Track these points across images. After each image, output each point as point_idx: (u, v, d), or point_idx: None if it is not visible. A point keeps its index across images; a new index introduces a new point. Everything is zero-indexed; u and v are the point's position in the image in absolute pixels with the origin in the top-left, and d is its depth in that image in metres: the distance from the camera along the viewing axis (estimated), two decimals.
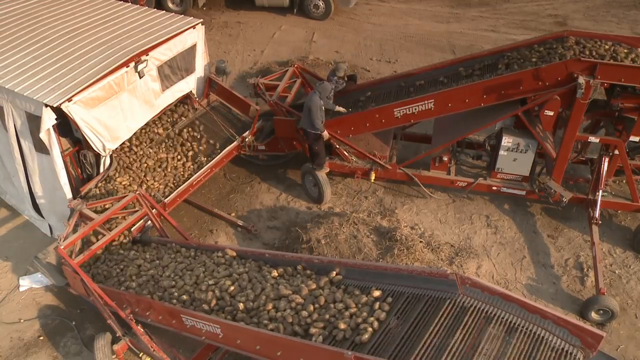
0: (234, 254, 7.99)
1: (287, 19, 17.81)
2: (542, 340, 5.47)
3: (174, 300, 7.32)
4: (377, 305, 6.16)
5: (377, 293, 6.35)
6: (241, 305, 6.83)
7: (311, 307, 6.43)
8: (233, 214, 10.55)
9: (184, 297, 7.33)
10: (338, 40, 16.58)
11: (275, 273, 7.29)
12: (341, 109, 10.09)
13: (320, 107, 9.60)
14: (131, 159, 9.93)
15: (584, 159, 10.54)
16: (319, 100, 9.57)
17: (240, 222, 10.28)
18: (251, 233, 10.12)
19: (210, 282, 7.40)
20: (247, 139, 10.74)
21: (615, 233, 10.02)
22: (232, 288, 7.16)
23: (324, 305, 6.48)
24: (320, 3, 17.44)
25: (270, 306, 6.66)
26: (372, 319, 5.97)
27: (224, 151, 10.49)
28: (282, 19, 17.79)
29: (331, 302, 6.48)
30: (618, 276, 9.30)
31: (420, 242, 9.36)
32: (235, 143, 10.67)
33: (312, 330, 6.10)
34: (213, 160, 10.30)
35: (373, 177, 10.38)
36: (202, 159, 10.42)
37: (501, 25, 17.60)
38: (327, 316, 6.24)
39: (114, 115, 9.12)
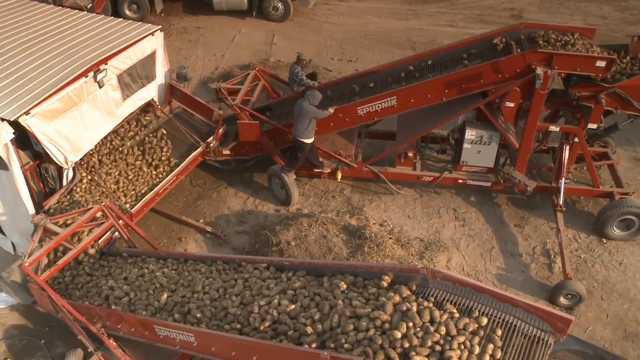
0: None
1: (247, 22, 17.74)
2: (515, 328, 5.54)
3: (227, 326, 6.48)
4: (482, 332, 5.47)
5: (484, 320, 5.53)
6: (309, 329, 5.88)
7: (404, 327, 5.46)
8: (201, 221, 10.46)
9: (237, 324, 6.44)
10: (298, 42, 16.58)
11: (343, 285, 6.30)
12: (332, 110, 9.87)
13: (314, 112, 9.51)
14: (95, 170, 9.77)
15: (545, 148, 10.74)
16: (312, 109, 9.48)
17: (208, 229, 10.20)
18: (220, 239, 10.05)
19: (262, 302, 6.45)
20: (211, 145, 10.66)
21: (579, 219, 10.23)
22: (292, 307, 6.28)
23: (420, 325, 5.51)
24: (279, 5, 17.43)
25: (350, 327, 5.62)
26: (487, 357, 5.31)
27: (188, 158, 10.40)
28: (241, 23, 17.72)
29: (427, 321, 5.54)
30: (584, 260, 9.49)
31: (390, 238, 9.41)
32: (199, 149, 10.59)
33: (416, 358, 5.18)
34: (178, 168, 10.21)
35: (340, 176, 10.41)
36: (167, 166, 10.31)
37: (459, 20, 17.82)
38: (429, 342, 5.30)
39: (75, 126, 8.95)
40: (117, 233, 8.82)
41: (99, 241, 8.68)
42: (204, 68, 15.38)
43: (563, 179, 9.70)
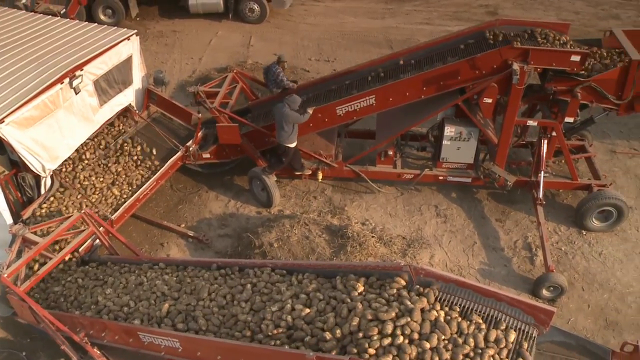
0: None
1: (223, 24, 17.66)
2: (499, 322, 5.58)
3: (237, 333, 6.26)
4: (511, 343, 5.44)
5: (513, 336, 5.49)
6: (328, 335, 5.62)
7: (435, 339, 5.30)
8: (183, 225, 10.39)
9: (248, 332, 6.24)
10: (275, 43, 16.54)
11: (360, 287, 6.08)
12: (310, 111, 9.80)
13: (294, 117, 9.48)
14: (74, 178, 9.66)
15: (524, 142, 10.84)
16: (293, 114, 9.45)
17: (190, 233, 10.14)
18: (203, 243, 10.00)
19: (274, 307, 6.25)
20: (191, 149, 10.60)
21: (559, 212, 10.33)
22: (307, 311, 6.01)
23: (448, 337, 5.39)
24: (255, 6, 17.38)
25: (375, 331, 5.42)
26: None
27: (168, 162, 10.33)
28: (218, 25, 17.64)
29: (455, 332, 5.45)
30: (564, 253, 9.59)
31: (372, 237, 9.43)
32: (179, 153, 10.53)
33: None
34: (158, 173, 10.14)
35: (320, 176, 10.41)
36: (147, 171, 10.23)
37: (435, 18, 17.92)
38: (460, 356, 5.23)
39: (52, 134, 8.85)
40: (97, 240, 8.74)
41: (80, 249, 8.58)
42: (182, 72, 15.28)
43: (542, 172, 9.79)
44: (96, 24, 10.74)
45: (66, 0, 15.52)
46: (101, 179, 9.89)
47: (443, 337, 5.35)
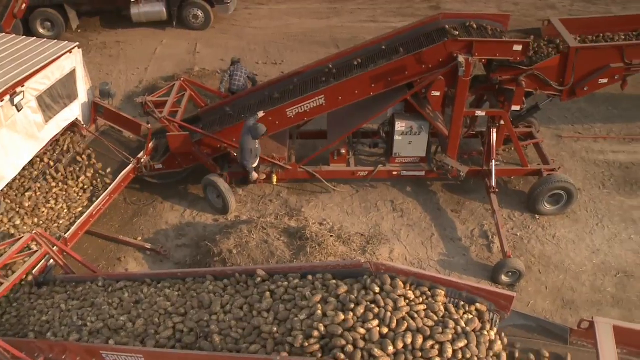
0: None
1: (168, 32, 17.46)
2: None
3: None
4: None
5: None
6: (377, 351, 5.07)
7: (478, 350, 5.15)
8: (139, 238, 10.21)
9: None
10: (222, 48, 16.43)
11: (411, 294, 5.58)
12: (261, 114, 9.77)
13: (252, 150, 9.47)
14: (22, 198, 9.39)
15: (474, 133, 11.03)
16: (251, 142, 9.43)
17: (148, 246, 9.97)
18: (161, 254, 9.84)
19: (302, 315, 5.68)
20: (142, 160, 10.42)
21: (512, 198, 10.54)
22: (341, 317, 5.41)
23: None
24: (199, 13, 17.24)
25: (419, 340, 5.12)
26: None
27: (120, 176, 10.14)
28: (162, 34, 17.42)
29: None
30: (520, 238, 9.79)
31: (331, 236, 9.43)
32: (131, 166, 10.34)
33: None
34: (110, 187, 9.94)
35: (275, 179, 10.35)
36: (99, 186, 10.03)
37: (379, 15, 18.08)
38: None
39: None
40: (52, 260, 8.50)
41: (33, 271, 8.32)
42: (128, 83, 15.03)
43: (493, 161, 9.96)
44: (35, 37, 10.46)
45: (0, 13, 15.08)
46: (52, 197, 9.64)
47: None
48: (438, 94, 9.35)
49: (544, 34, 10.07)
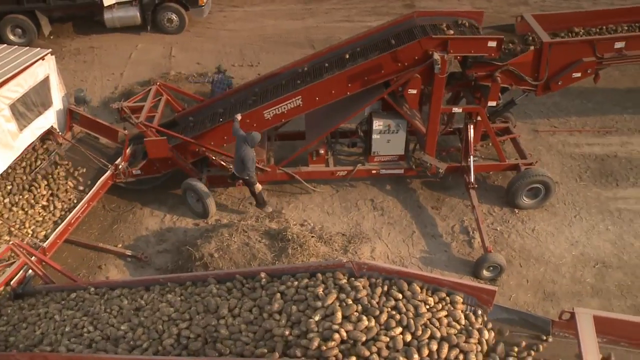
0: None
1: (142, 37, 17.30)
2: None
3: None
4: None
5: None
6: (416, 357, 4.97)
7: None
8: (120, 245, 10.10)
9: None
10: (197, 52, 16.34)
11: (430, 301, 5.53)
12: (239, 116, 9.71)
13: (252, 159, 9.47)
14: None
15: (451, 129, 11.10)
16: (251, 152, 9.42)
17: (128, 252, 9.87)
18: (142, 261, 9.75)
19: (317, 317, 5.43)
20: (120, 166, 10.32)
21: (491, 193, 10.62)
22: (365, 324, 5.23)
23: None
24: (174, 17, 17.11)
25: (444, 349, 5.11)
26: None
27: (98, 183, 10.04)
28: (137, 38, 17.26)
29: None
30: (500, 232, 9.87)
31: (312, 237, 9.42)
32: (108, 172, 10.25)
33: None
34: (88, 194, 9.84)
35: None
36: (77, 194, 9.91)
37: (354, 15, 18.11)
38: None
39: None
40: (30, 271, 8.38)
41: (12, 282, 8.20)
42: (103, 88, 14.87)
43: (471, 157, 10.03)
44: (6, 45, 10.32)
45: None
46: (29, 207, 9.51)
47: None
48: (415, 91, 9.39)
49: (518, 30, 10.17)
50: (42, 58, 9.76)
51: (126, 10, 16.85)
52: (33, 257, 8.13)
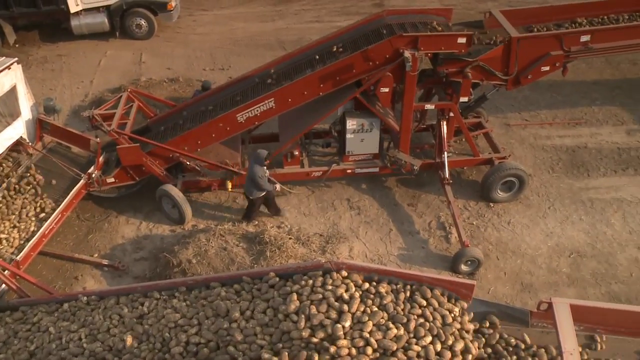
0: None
1: (111, 43, 17.11)
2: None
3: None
4: None
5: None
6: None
7: None
8: (96, 255, 9.97)
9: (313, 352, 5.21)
10: (167, 57, 16.21)
11: (456, 310, 5.62)
12: (277, 186, 9.97)
13: (261, 176, 9.39)
14: None
15: (424, 126, 11.19)
16: (259, 170, 9.35)
17: (105, 262, 9.74)
18: (119, 270, 9.63)
19: (346, 323, 5.26)
20: (93, 175, 10.19)
21: (466, 188, 10.71)
22: (394, 332, 5.23)
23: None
24: (143, 22, 16.94)
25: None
26: None
27: (71, 192, 9.89)
28: (105, 45, 17.06)
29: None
30: (476, 227, 9.95)
31: (290, 238, 9.41)
32: (82, 182, 10.10)
33: None
34: (62, 204, 9.68)
35: (230, 185, 10.26)
36: (50, 205, 9.75)
37: (324, 15, 18.14)
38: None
39: None
40: (3, 285, 8.24)
41: None
42: (73, 97, 14.67)
43: (445, 153, 10.10)
44: None
45: None
46: (0, 220, 9.33)
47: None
48: (387, 90, 9.44)
49: (486, 26, 10.26)
50: (8, 67, 9.59)
51: (94, 16, 16.64)
52: (6, 271, 7.99)
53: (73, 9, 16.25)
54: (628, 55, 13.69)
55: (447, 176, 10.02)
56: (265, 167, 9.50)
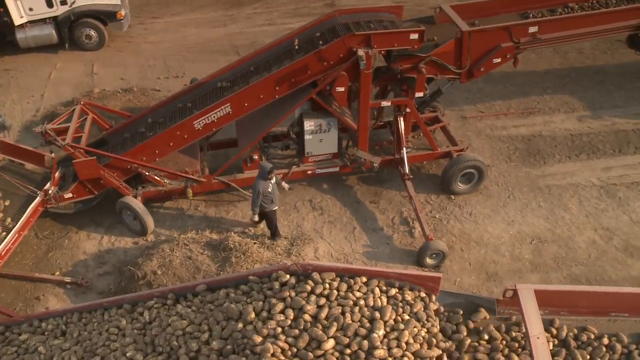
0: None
1: (61, 55, 16.74)
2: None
3: None
4: None
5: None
6: None
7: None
8: (57, 273, 9.75)
9: None
10: (120, 67, 15.95)
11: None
12: (285, 185, 9.86)
13: (259, 192, 9.10)
14: None
15: (382, 123, 11.26)
16: (261, 185, 9.07)
17: (67, 279, 9.53)
18: (83, 286, 9.43)
19: (381, 331, 5.31)
20: (50, 192, 9.95)
21: (426, 182, 10.82)
22: (442, 347, 5.60)
23: None
24: (92, 33, 16.59)
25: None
26: None
27: (27, 211, 9.65)
28: (55, 57, 16.68)
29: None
30: (439, 220, 10.06)
31: (254, 243, 9.37)
32: (38, 199, 9.86)
33: None
34: (18, 224, 9.44)
35: (191, 193, 10.15)
36: (4, 225, 9.50)
37: (276, 18, 18.10)
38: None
39: None
40: None
41: None
42: (24, 112, 14.30)
43: (404, 149, 10.19)
44: None
45: None
46: None
47: None
48: (342, 89, 9.48)
49: (437, 21, 10.39)
50: None
51: (40, 28, 16.21)
52: None
53: (17, 21, 15.78)
54: (574, 44, 14.01)
55: (407, 171, 10.11)
56: (269, 181, 9.18)
